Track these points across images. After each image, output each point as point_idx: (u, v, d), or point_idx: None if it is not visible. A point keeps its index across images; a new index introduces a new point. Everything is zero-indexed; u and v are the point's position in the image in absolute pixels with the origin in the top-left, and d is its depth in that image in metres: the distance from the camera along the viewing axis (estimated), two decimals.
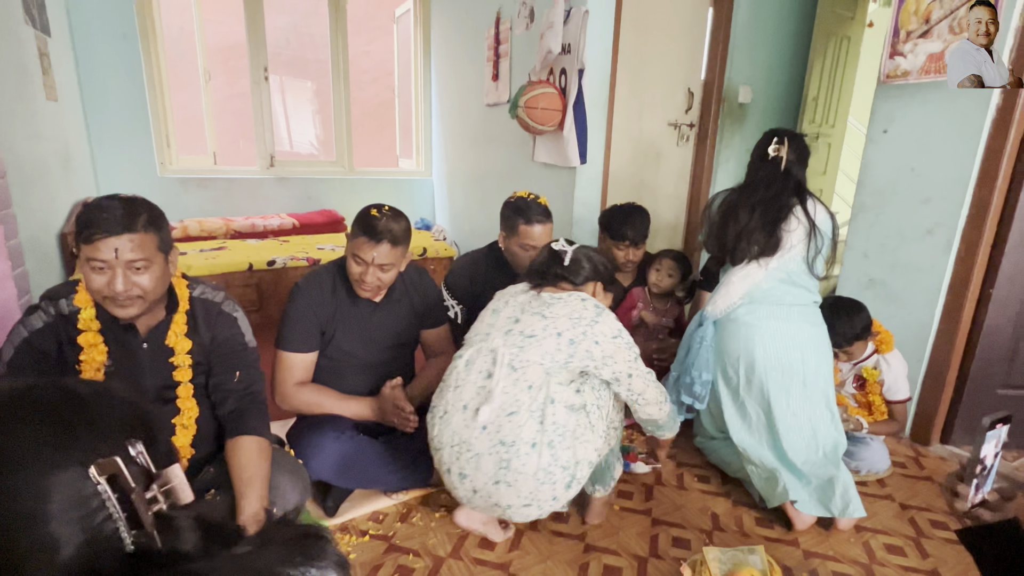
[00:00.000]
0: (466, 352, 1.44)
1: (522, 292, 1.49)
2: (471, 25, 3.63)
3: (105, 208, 1.16)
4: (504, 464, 1.30)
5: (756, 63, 3.09)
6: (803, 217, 1.64)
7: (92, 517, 0.42)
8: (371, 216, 1.59)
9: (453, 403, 1.38)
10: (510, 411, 1.31)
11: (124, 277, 1.15)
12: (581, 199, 2.76)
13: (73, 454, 0.43)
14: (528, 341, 1.36)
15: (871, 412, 1.86)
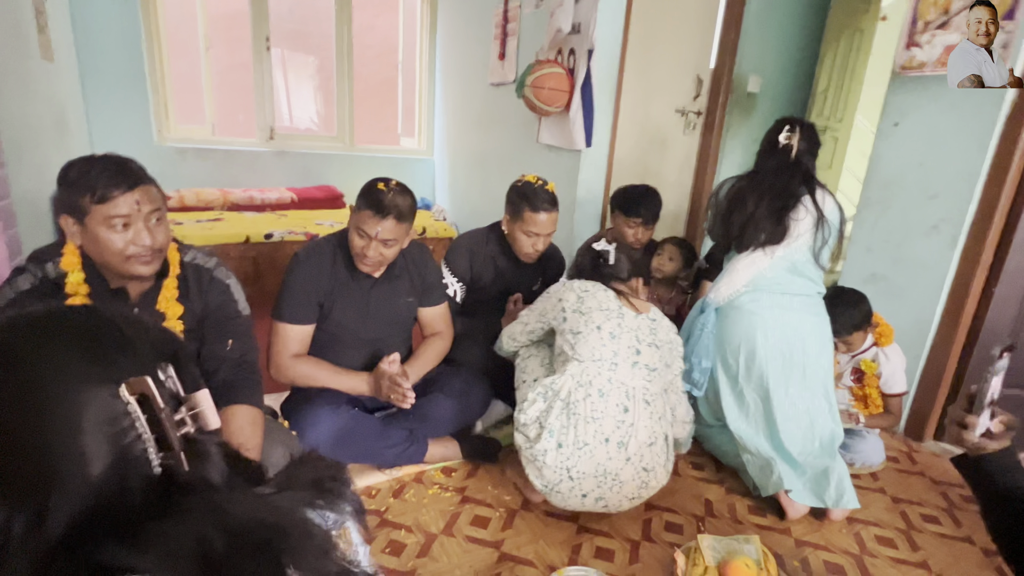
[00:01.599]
0: (592, 376, 1.44)
1: (617, 307, 1.52)
2: (479, 2, 3.56)
3: (106, 166, 1.13)
4: (644, 485, 1.45)
5: (767, 52, 3.06)
6: (811, 206, 1.62)
7: (122, 436, 0.42)
8: (378, 190, 1.56)
9: (594, 436, 1.40)
10: (650, 442, 1.45)
11: (148, 229, 1.15)
12: (585, 183, 2.73)
13: (104, 371, 0.43)
14: (653, 375, 1.48)
15: (867, 405, 1.86)
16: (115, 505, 0.41)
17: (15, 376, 0.41)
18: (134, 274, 1.18)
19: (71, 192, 1.12)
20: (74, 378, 0.42)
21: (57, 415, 0.41)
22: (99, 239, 1.13)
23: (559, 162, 2.83)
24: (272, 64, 3.89)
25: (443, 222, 3.77)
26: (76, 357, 0.43)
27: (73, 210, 1.14)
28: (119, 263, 1.16)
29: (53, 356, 0.43)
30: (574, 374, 1.44)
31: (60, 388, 0.41)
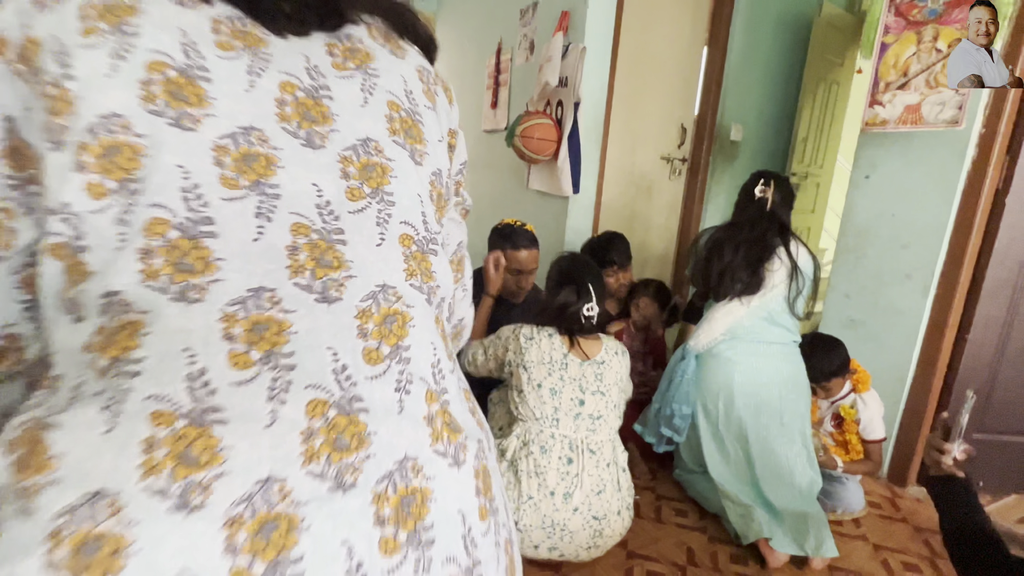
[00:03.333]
0: (534, 435, 1.48)
1: (563, 356, 1.52)
2: (472, 53, 3.72)
3: None
4: (597, 534, 1.47)
5: (748, 103, 3.19)
6: (785, 258, 1.69)
7: None
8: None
9: (538, 490, 1.44)
10: (598, 491, 1.46)
11: None
12: (573, 227, 2.81)
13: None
14: (598, 423, 1.50)
15: (848, 451, 1.89)
16: None
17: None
18: None
19: None
20: None
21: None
22: None
23: (548, 207, 2.92)
24: None
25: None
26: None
27: None
28: None
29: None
30: (518, 434, 1.49)
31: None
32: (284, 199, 0.46)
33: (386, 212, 0.52)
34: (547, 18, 2.85)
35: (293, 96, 0.49)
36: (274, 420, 0.40)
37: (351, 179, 0.50)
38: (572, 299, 1.54)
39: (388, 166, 0.53)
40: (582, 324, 1.54)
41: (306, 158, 0.48)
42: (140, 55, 0.43)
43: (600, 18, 2.60)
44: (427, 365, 0.50)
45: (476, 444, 0.52)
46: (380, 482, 0.42)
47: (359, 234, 0.50)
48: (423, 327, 0.51)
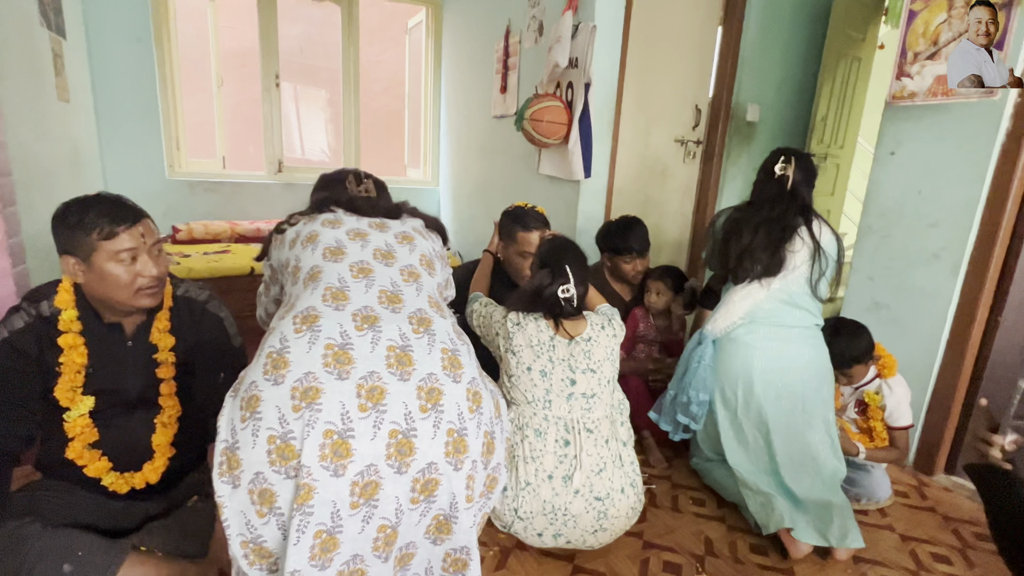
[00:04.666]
0: (527, 419, 1.45)
1: (549, 338, 1.49)
2: (481, 38, 3.65)
3: (107, 204, 1.18)
4: (602, 515, 1.42)
5: (765, 82, 3.08)
6: (808, 238, 1.62)
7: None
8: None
9: (535, 475, 1.40)
10: (598, 469, 1.42)
11: (153, 260, 1.21)
12: (585, 212, 2.75)
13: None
14: (592, 402, 1.46)
15: (872, 438, 1.82)
16: None
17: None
18: (141, 306, 1.22)
19: (74, 232, 1.16)
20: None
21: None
22: (107, 274, 1.17)
23: (559, 192, 2.85)
24: (282, 100, 4.00)
25: (447, 251, 3.80)
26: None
27: (77, 249, 1.17)
28: (128, 296, 1.19)
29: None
30: (512, 419, 1.46)
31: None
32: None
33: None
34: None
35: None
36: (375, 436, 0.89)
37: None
38: (547, 281, 1.51)
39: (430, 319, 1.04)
40: (562, 306, 1.50)
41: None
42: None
43: None
44: (396, 334, 0.96)
45: (471, 463, 0.97)
46: (417, 472, 0.90)
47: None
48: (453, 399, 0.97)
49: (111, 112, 3.40)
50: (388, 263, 1.05)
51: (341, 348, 0.88)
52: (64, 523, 1.20)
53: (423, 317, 0.98)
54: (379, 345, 0.90)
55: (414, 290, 1.03)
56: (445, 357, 0.94)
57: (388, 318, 0.94)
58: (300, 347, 0.87)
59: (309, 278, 1.00)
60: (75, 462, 1.26)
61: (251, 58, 4.14)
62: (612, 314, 1.61)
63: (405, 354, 0.91)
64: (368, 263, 1.04)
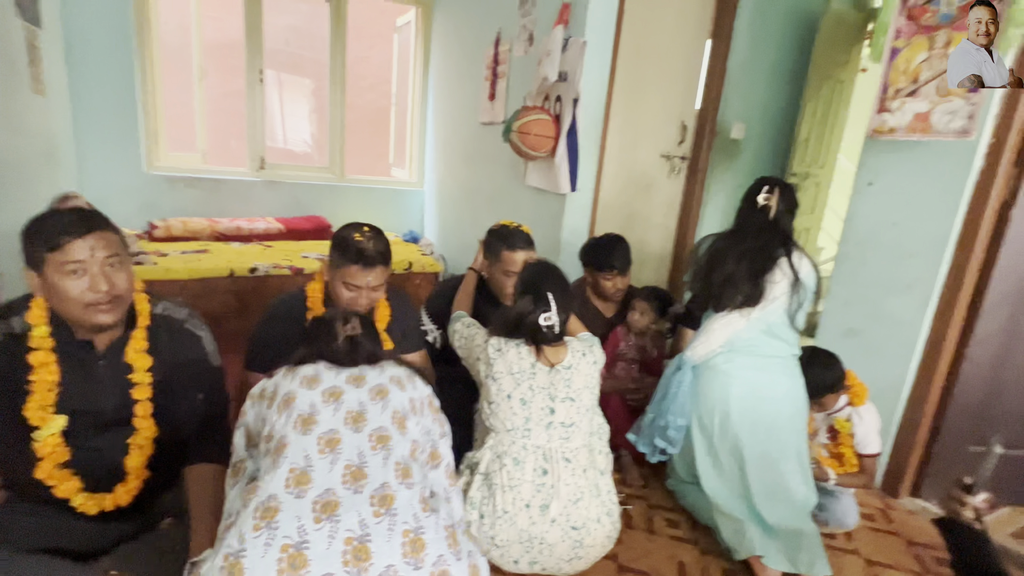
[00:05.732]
0: (506, 447, 1.45)
1: (530, 364, 1.49)
2: (471, 42, 3.63)
3: (61, 216, 1.14)
4: (578, 544, 1.42)
5: (751, 100, 3.13)
6: (788, 269, 1.65)
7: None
8: (357, 241, 1.55)
9: (513, 503, 1.40)
10: (575, 499, 1.42)
11: (105, 276, 1.15)
12: (569, 226, 2.76)
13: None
14: (570, 431, 1.46)
15: (842, 463, 1.87)
16: None
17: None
18: (94, 323, 1.17)
19: (29, 244, 1.13)
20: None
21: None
22: (56, 288, 1.13)
23: (545, 204, 2.86)
24: (265, 94, 3.93)
25: (430, 257, 3.78)
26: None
27: (32, 262, 1.14)
28: (78, 312, 1.15)
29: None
30: (491, 446, 1.47)
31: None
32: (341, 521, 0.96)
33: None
34: (548, 9, 2.77)
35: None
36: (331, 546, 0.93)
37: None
38: (529, 308, 1.50)
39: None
40: (543, 333, 1.50)
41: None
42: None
43: (602, 11, 2.53)
44: (410, 515, 1.01)
45: (437, 556, 0.98)
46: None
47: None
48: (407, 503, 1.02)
49: (88, 104, 3.30)
50: (358, 428, 1.07)
51: (297, 549, 0.90)
52: (33, 547, 1.17)
53: (385, 495, 0.99)
54: (336, 539, 0.92)
55: (381, 459, 1.04)
56: (406, 541, 0.95)
57: (349, 503, 0.96)
58: (257, 550, 0.89)
59: (277, 449, 1.02)
60: (44, 482, 1.23)
61: (234, 50, 4.06)
62: (593, 341, 1.63)
63: (363, 546, 0.92)
64: (337, 431, 1.05)
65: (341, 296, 1.59)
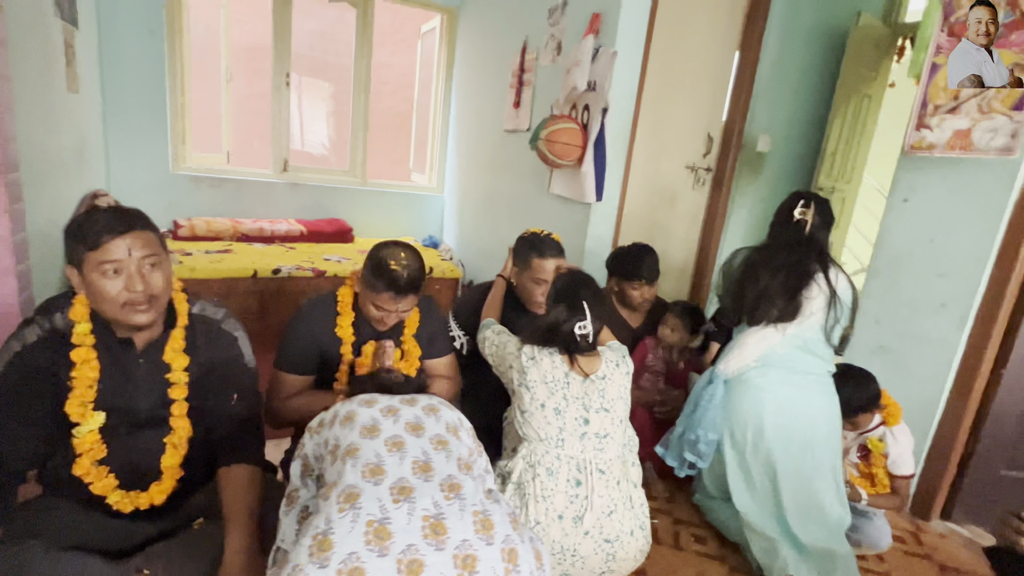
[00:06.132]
0: (539, 457, 1.44)
1: (564, 374, 1.48)
2: (496, 50, 3.65)
3: (102, 214, 1.15)
4: (610, 557, 1.41)
5: (777, 113, 3.11)
6: (824, 285, 1.63)
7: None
8: (392, 269, 1.51)
9: (545, 514, 1.39)
10: (609, 511, 1.41)
11: (141, 275, 1.15)
12: (594, 235, 2.75)
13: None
14: (605, 442, 1.45)
15: (873, 484, 1.83)
16: None
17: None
18: (131, 322, 1.18)
19: (70, 242, 1.14)
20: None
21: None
22: (94, 287, 1.13)
23: (569, 213, 2.85)
24: (290, 97, 3.97)
25: (449, 262, 3.79)
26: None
27: (73, 260, 1.14)
28: (115, 311, 1.15)
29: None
30: (524, 455, 1.45)
31: None
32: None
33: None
34: (577, 19, 2.78)
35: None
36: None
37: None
38: (563, 317, 1.50)
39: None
40: (577, 343, 1.49)
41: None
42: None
43: (633, 21, 2.53)
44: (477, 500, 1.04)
45: (505, 535, 1.00)
46: (399, 553, 0.92)
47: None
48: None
49: (118, 103, 3.35)
50: (418, 434, 1.14)
51: (381, 523, 0.95)
52: (68, 544, 1.17)
53: (453, 483, 1.05)
54: (414, 516, 0.97)
55: (443, 456, 1.11)
56: (477, 520, 1.01)
57: (421, 488, 1.02)
58: (343, 527, 0.94)
59: (347, 454, 1.07)
60: (82, 479, 1.23)
61: (260, 53, 4.11)
62: (623, 350, 1.61)
63: (439, 522, 0.98)
64: (401, 436, 1.12)
65: (370, 312, 1.59)
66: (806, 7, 2.98)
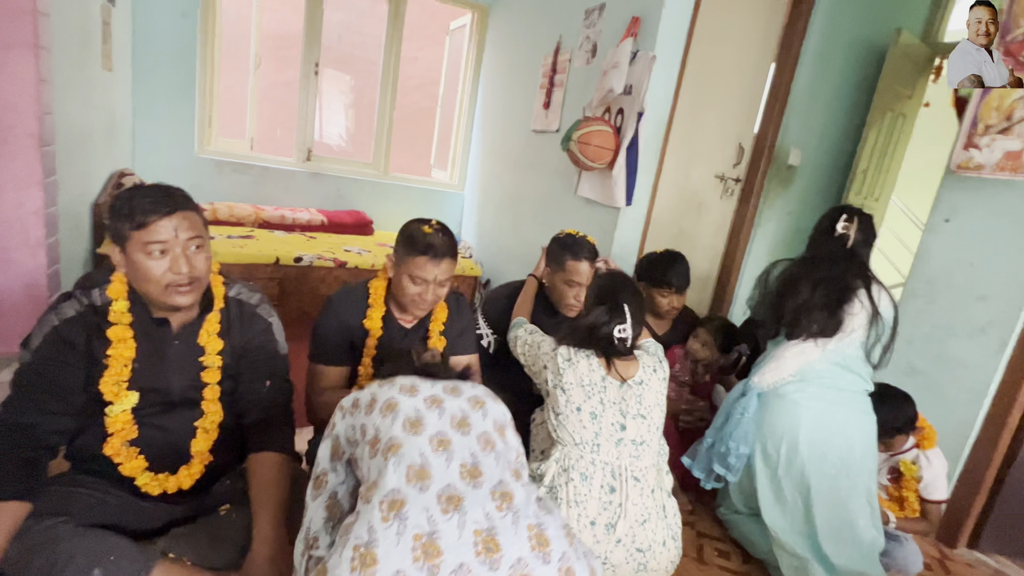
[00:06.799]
0: (573, 461, 1.41)
1: (600, 378, 1.45)
2: (527, 50, 3.63)
3: (148, 193, 1.13)
4: (641, 567, 1.37)
5: (810, 127, 3.08)
6: (867, 302, 1.59)
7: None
8: (426, 234, 1.52)
9: (577, 520, 1.36)
10: (642, 520, 1.38)
11: (186, 257, 1.14)
12: (621, 240, 2.72)
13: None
14: (641, 449, 1.42)
15: (903, 507, 1.80)
16: None
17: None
18: (172, 303, 1.17)
19: (114, 220, 1.12)
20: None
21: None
22: (138, 266, 1.12)
23: (597, 216, 2.83)
24: (318, 87, 3.96)
25: (469, 260, 3.76)
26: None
27: (117, 238, 1.13)
28: (158, 292, 1.14)
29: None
30: (557, 459, 1.42)
31: None
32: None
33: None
34: (615, 22, 2.76)
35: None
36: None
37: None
38: (604, 319, 1.47)
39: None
40: (615, 346, 1.46)
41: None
42: None
43: (673, 27, 2.50)
44: (481, 515, 0.92)
45: (561, 553, 0.92)
46: (449, 573, 0.85)
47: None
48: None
49: (149, 84, 3.35)
50: (464, 432, 1.05)
51: (429, 538, 0.86)
52: (94, 522, 1.15)
53: (504, 491, 0.96)
54: (465, 530, 0.89)
55: (492, 459, 1.02)
56: (532, 536, 0.92)
57: (471, 497, 0.93)
58: (388, 540, 0.85)
59: (388, 450, 0.98)
60: (111, 458, 1.21)
61: (288, 42, 4.11)
62: (660, 353, 1.58)
63: (491, 538, 0.89)
64: (446, 434, 1.03)
65: (406, 290, 1.56)
66: (846, 22, 2.94)
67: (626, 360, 1.48)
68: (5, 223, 1.82)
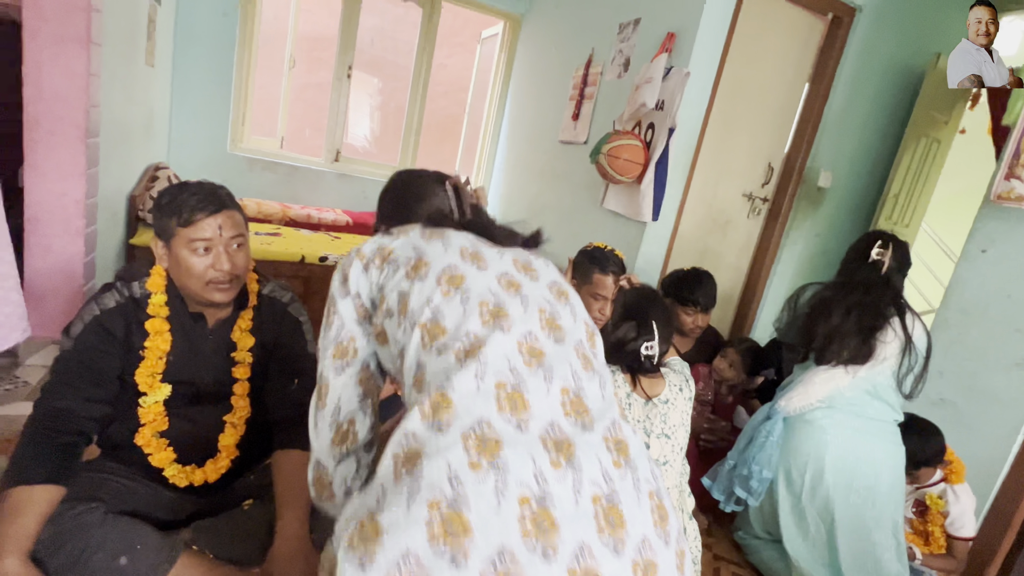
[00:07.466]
0: None
1: (625, 395, 1.44)
2: (558, 61, 3.65)
3: (194, 191, 1.16)
4: None
5: (842, 149, 3.04)
6: (900, 330, 1.57)
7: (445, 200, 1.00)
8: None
9: None
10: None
11: (228, 255, 1.17)
12: (646, 254, 2.71)
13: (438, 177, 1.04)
14: (664, 469, 1.40)
15: (928, 543, 1.76)
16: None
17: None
18: (211, 300, 1.19)
19: (161, 216, 1.15)
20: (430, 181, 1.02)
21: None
22: (182, 262, 1.15)
23: (622, 230, 2.82)
24: (349, 90, 4.02)
25: None
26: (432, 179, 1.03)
27: (161, 233, 1.16)
28: (198, 288, 1.17)
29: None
30: None
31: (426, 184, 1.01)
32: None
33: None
34: (650, 37, 2.76)
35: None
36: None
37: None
38: (631, 335, 1.44)
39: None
40: (642, 363, 1.44)
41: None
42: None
43: (709, 44, 2.50)
44: (598, 473, 0.64)
45: (677, 531, 0.68)
46: (570, 558, 0.56)
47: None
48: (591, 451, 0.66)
49: (187, 80, 3.42)
50: (560, 342, 0.73)
51: (540, 505, 0.58)
52: (122, 509, 1.17)
53: (619, 438, 0.68)
54: (582, 495, 0.60)
55: (597, 386, 0.72)
56: (654, 507, 0.65)
57: (584, 444, 0.64)
58: (484, 500, 0.56)
59: (469, 352, 0.68)
60: (142, 449, 1.23)
61: (321, 43, 4.18)
62: (686, 372, 1.57)
63: (613, 507, 0.61)
64: (537, 340, 0.72)
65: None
66: (883, 45, 2.91)
67: (652, 378, 1.47)
68: (48, 211, 1.87)
